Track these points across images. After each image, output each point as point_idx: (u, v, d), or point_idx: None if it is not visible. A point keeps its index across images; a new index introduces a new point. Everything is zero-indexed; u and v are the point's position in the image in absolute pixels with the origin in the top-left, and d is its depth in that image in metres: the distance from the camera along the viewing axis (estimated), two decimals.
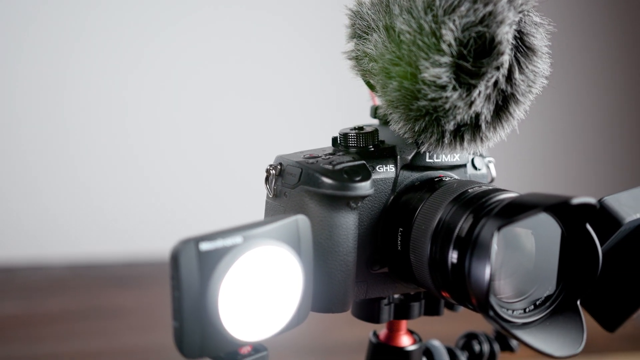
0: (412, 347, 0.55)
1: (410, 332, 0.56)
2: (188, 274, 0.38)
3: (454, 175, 0.51)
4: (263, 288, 0.41)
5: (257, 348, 0.43)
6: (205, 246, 0.39)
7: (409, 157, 0.50)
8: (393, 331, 0.55)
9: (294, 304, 0.43)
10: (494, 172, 0.55)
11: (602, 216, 0.50)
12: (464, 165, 0.52)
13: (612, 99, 1.88)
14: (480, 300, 0.41)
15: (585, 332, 0.44)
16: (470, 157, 0.53)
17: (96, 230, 1.62)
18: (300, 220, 0.43)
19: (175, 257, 0.38)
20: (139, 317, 1.21)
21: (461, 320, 0.74)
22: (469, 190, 0.46)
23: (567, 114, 1.85)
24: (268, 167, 0.49)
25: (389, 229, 0.49)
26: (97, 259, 1.56)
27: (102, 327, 1.18)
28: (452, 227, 0.44)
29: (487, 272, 0.40)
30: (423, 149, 0.48)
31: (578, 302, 0.45)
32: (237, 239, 0.40)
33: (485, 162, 0.54)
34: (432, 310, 0.55)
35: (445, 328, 0.74)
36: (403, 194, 0.49)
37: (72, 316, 1.23)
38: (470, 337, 0.62)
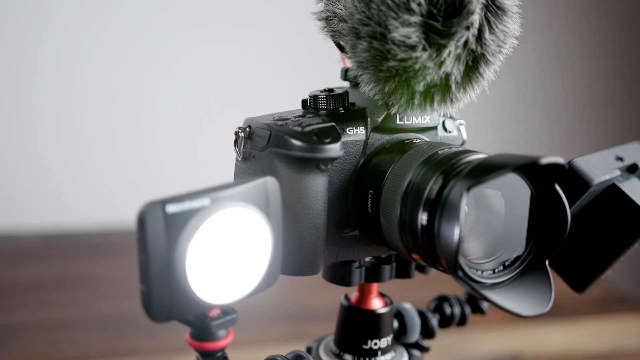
0: (383, 310, 0.55)
1: (382, 295, 0.56)
2: (155, 236, 0.38)
3: (424, 137, 0.51)
4: (231, 250, 0.41)
5: (226, 311, 0.43)
6: (172, 208, 0.38)
7: (380, 119, 0.49)
8: (364, 294, 0.55)
9: (263, 267, 0.42)
10: (465, 135, 0.55)
11: (571, 178, 0.50)
12: (435, 128, 0.52)
13: (584, 60, 1.88)
14: (449, 261, 0.41)
15: (553, 292, 0.44)
16: (441, 119, 0.53)
17: (69, 198, 1.61)
18: (269, 182, 0.42)
19: (142, 220, 0.38)
20: (114, 286, 1.21)
21: (433, 284, 0.75)
22: (439, 152, 0.46)
23: (538, 75, 1.84)
24: (237, 130, 0.48)
25: (359, 191, 0.49)
26: (71, 228, 1.55)
27: (76, 296, 1.17)
28: (422, 188, 0.44)
29: (456, 232, 0.40)
30: (393, 110, 0.48)
31: (547, 263, 0.45)
32: (204, 201, 0.39)
33: (456, 125, 0.54)
34: (403, 273, 0.55)
35: (417, 291, 0.75)
36: (373, 157, 0.49)
37: (45, 285, 1.22)
38: (441, 300, 0.63)
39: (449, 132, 0.53)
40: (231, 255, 0.41)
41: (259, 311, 1.13)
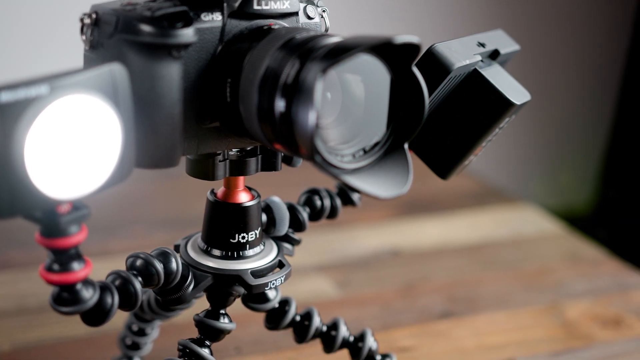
0: (249, 203, 0.54)
1: (249, 188, 0.56)
2: None
3: (284, 23, 0.49)
4: (76, 142, 0.38)
5: (77, 206, 0.41)
6: (5, 97, 0.35)
7: (236, 4, 0.47)
8: (230, 188, 0.54)
9: (113, 159, 0.40)
10: (328, 22, 0.54)
11: (432, 62, 0.50)
12: (296, 14, 0.50)
13: None
14: (307, 147, 0.40)
15: (411, 174, 0.44)
16: (302, 5, 0.51)
17: None
18: (116, 70, 0.40)
19: None
20: None
21: (305, 180, 0.75)
22: (297, 37, 0.44)
23: None
24: (82, 17, 0.45)
25: (217, 80, 0.47)
26: None
27: None
28: (279, 74, 0.42)
29: (313, 117, 0.39)
30: None
31: (405, 146, 0.45)
32: (42, 89, 0.37)
33: (319, 12, 0.53)
34: (269, 165, 0.54)
35: (292, 189, 0.75)
36: (231, 44, 0.47)
37: None
38: (311, 193, 0.63)
39: (311, 18, 0.52)
40: (77, 147, 0.38)
41: (138, 218, 1.11)
